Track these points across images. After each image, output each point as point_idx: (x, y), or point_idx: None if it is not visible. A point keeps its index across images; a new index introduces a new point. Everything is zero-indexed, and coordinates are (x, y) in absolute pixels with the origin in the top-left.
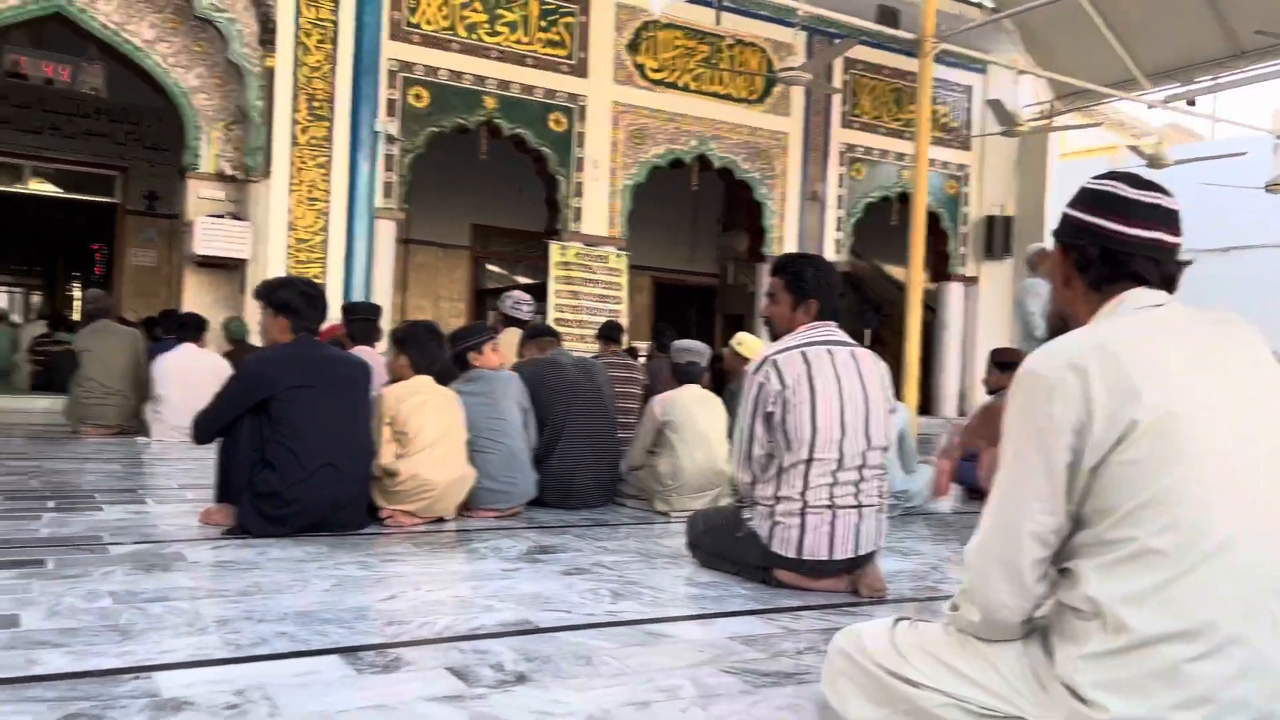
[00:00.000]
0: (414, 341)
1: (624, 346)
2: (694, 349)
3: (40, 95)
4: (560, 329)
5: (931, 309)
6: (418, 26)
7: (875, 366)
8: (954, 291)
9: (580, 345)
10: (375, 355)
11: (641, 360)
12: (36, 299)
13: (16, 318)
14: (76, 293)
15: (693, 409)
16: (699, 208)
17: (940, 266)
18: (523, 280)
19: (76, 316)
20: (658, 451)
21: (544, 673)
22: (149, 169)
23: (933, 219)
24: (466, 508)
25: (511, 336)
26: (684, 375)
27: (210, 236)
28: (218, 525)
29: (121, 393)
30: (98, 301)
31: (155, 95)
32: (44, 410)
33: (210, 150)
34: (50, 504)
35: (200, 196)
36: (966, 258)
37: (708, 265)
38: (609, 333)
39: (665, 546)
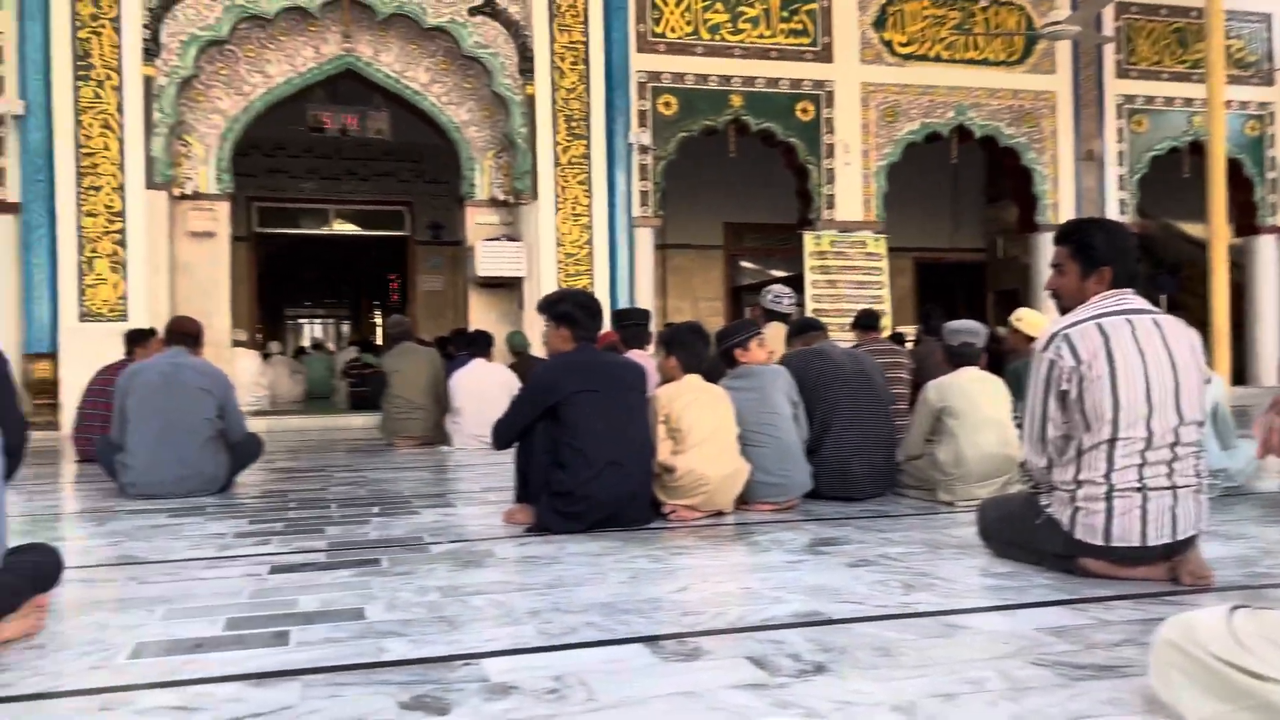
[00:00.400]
0: (680, 343)
1: (886, 333)
2: (969, 329)
3: (338, 145)
4: (820, 320)
5: (1239, 266)
6: (663, 36)
7: (1184, 334)
8: (1265, 245)
9: (842, 336)
10: (647, 358)
11: (908, 346)
12: (346, 328)
13: (331, 346)
14: (378, 319)
15: (972, 393)
16: (959, 181)
17: (1245, 219)
18: (778, 274)
19: (379, 340)
20: (936, 439)
21: (842, 663)
22: (432, 201)
23: (1233, 166)
24: (743, 501)
25: (775, 331)
26: (959, 358)
27: (489, 258)
28: (520, 524)
29: (425, 407)
30: (399, 325)
31: (433, 133)
32: (361, 426)
33: (484, 178)
34: (375, 509)
35: (478, 222)
36: (1277, 206)
37: (973, 241)
38: (866, 321)
39: (953, 537)
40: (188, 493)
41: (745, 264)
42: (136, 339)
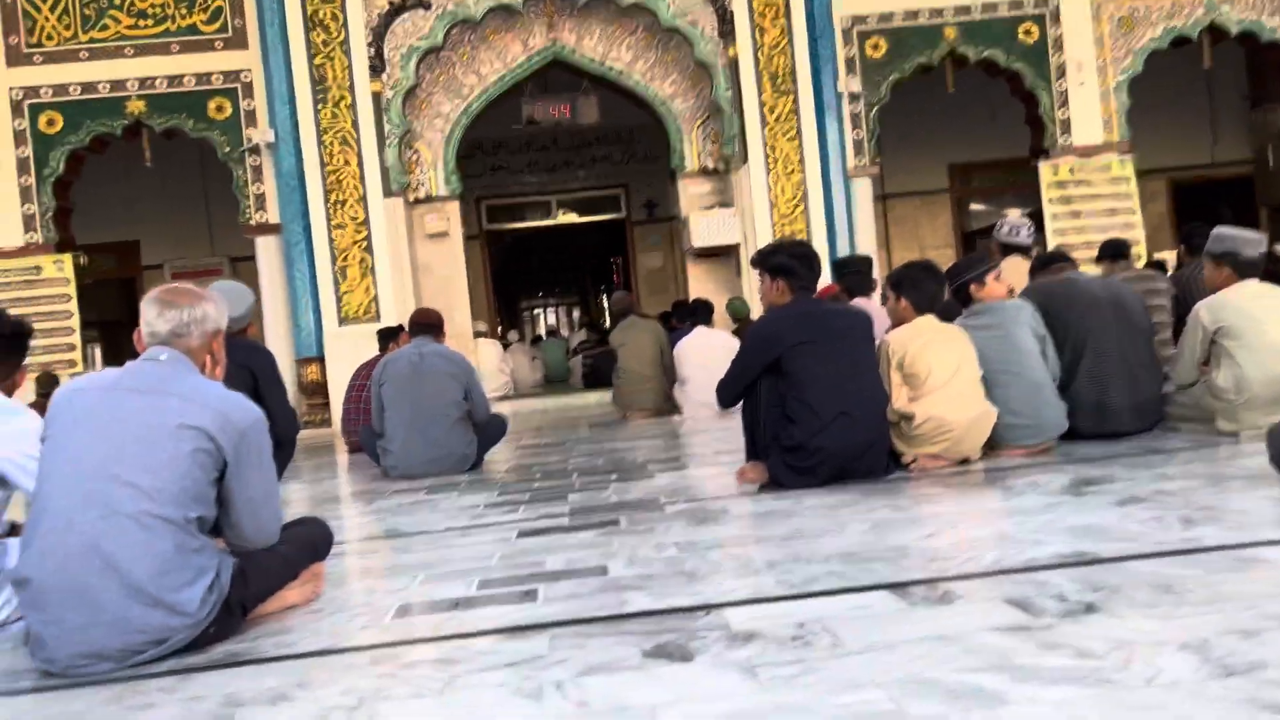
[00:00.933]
0: (910, 283)
1: (1141, 262)
2: (1243, 237)
3: (553, 135)
4: (1067, 252)
5: None
6: None
7: None
8: None
9: (1092, 269)
10: (873, 305)
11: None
12: (576, 313)
13: (565, 331)
14: (604, 301)
15: (1253, 310)
16: (1215, 88)
17: None
18: (1013, 213)
19: (607, 323)
20: (1212, 364)
21: (1116, 602)
22: (646, 180)
23: None
24: (991, 447)
25: (1014, 265)
26: (1244, 268)
27: (704, 229)
28: (752, 482)
29: (653, 378)
30: (622, 301)
31: (641, 111)
32: (596, 403)
33: (693, 149)
34: (613, 476)
35: (690, 193)
36: None
37: (1237, 153)
38: (1113, 250)
39: (1239, 468)
40: (441, 472)
41: (975, 206)
42: (388, 336)
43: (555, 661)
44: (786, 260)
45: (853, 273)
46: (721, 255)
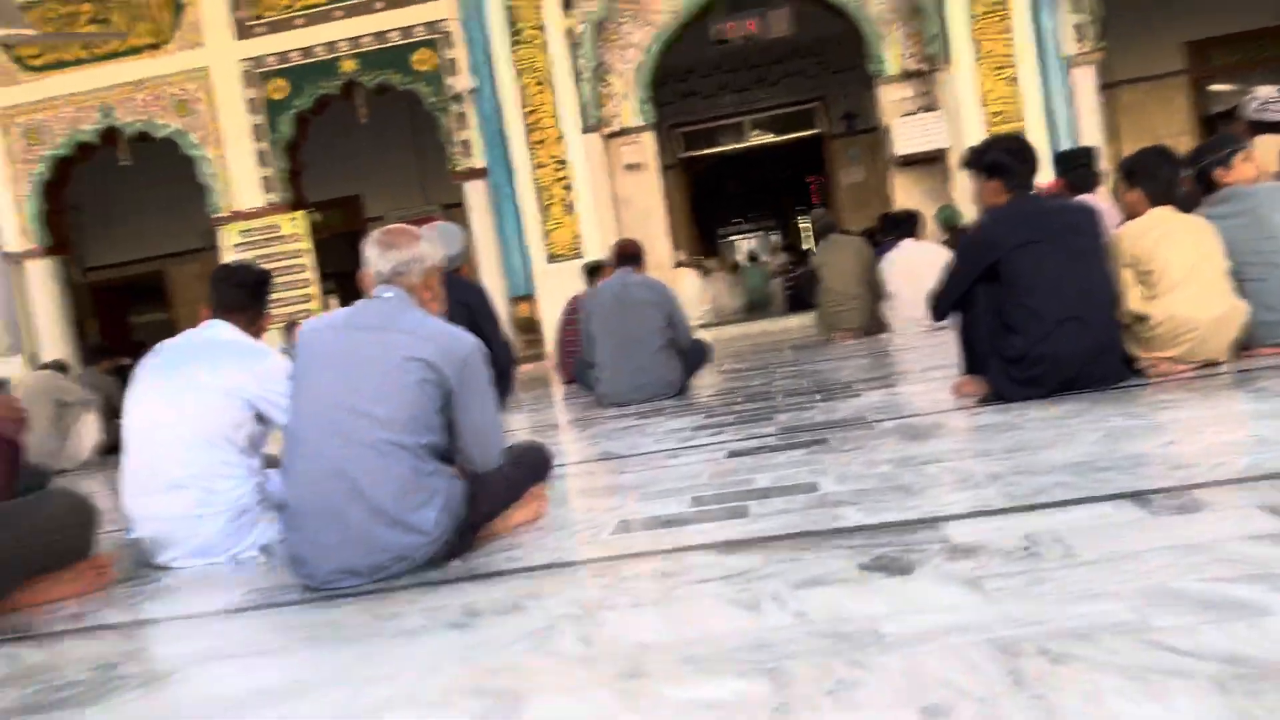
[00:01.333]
0: (1143, 170)
1: None
2: None
3: (743, 55)
4: None
5: None
6: None
7: None
8: None
9: None
10: (1100, 199)
11: None
12: (775, 237)
13: (764, 256)
14: (803, 223)
15: None
16: None
17: None
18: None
19: (805, 245)
20: None
21: None
22: (842, 91)
23: None
24: (1244, 348)
25: (1266, 144)
26: None
27: (907, 136)
28: (970, 395)
29: (859, 296)
30: (823, 218)
31: (834, 19)
32: (798, 326)
33: (892, 52)
34: (818, 396)
35: (891, 100)
36: None
37: None
38: None
39: None
40: (649, 398)
41: (1216, 87)
42: (593, 270)
43: (770, 574)
44: (1000, 156)
45: (1076, 166)
46: (927, 163)
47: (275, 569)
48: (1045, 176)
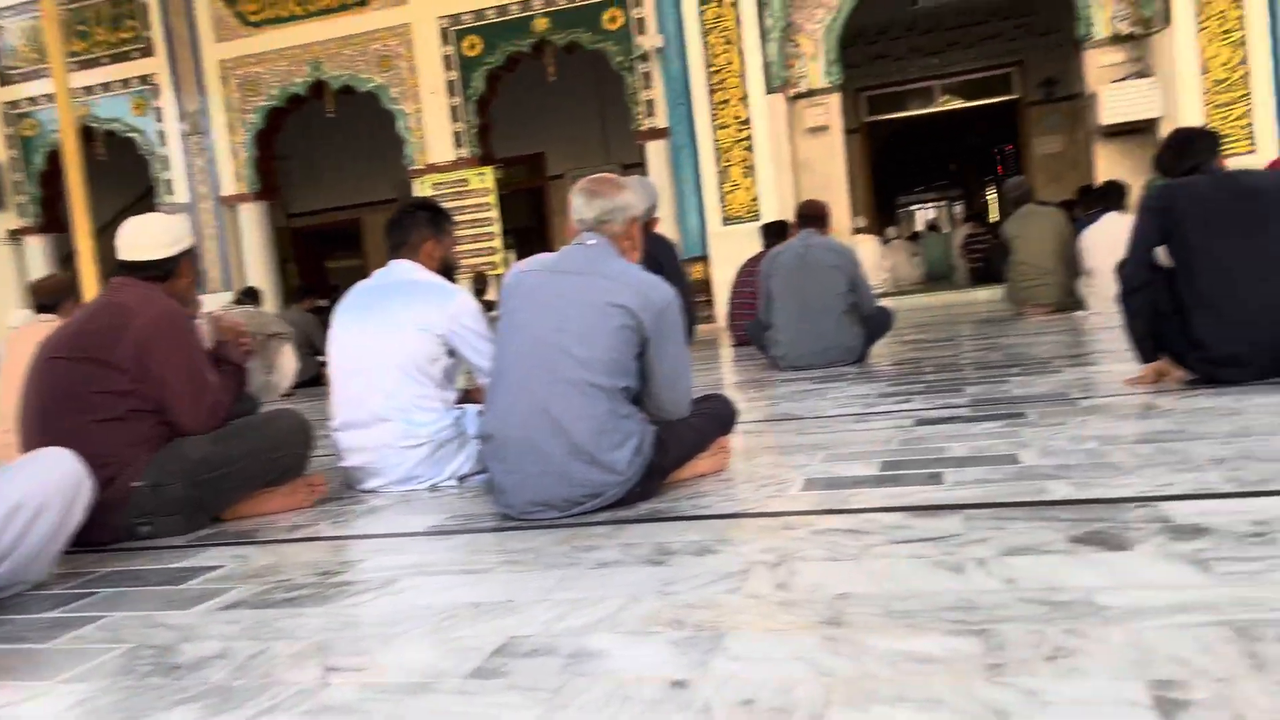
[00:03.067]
0: None
1: None
2: None
3: (938, 16)
4: None
5: None
6: None
7: None
8: None
9: None
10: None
11: None
12: (958, 207)
13: (945, 227)
14: (990, 194)
15: None
16: None
17: None
18: None
19: (992, 217)
20: None
21: None
22: (1043, 55)
23: None
24: None
25: None
26: None
27: (1116, 103)
28: (1158, 380)
29: (1054, 270)
30: (1019, 188)
31: None
32: (984, 299)
33: (1103, 14)
34: (1014, 370)
35: (1100, 65)
36: None
37: None
38: None
39: None
40: (829, 363)
41: None
42: (774, 231)
43: (974, 540)
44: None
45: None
46: (1135, 133)
47: (470, 498)
48: (1271, 152)
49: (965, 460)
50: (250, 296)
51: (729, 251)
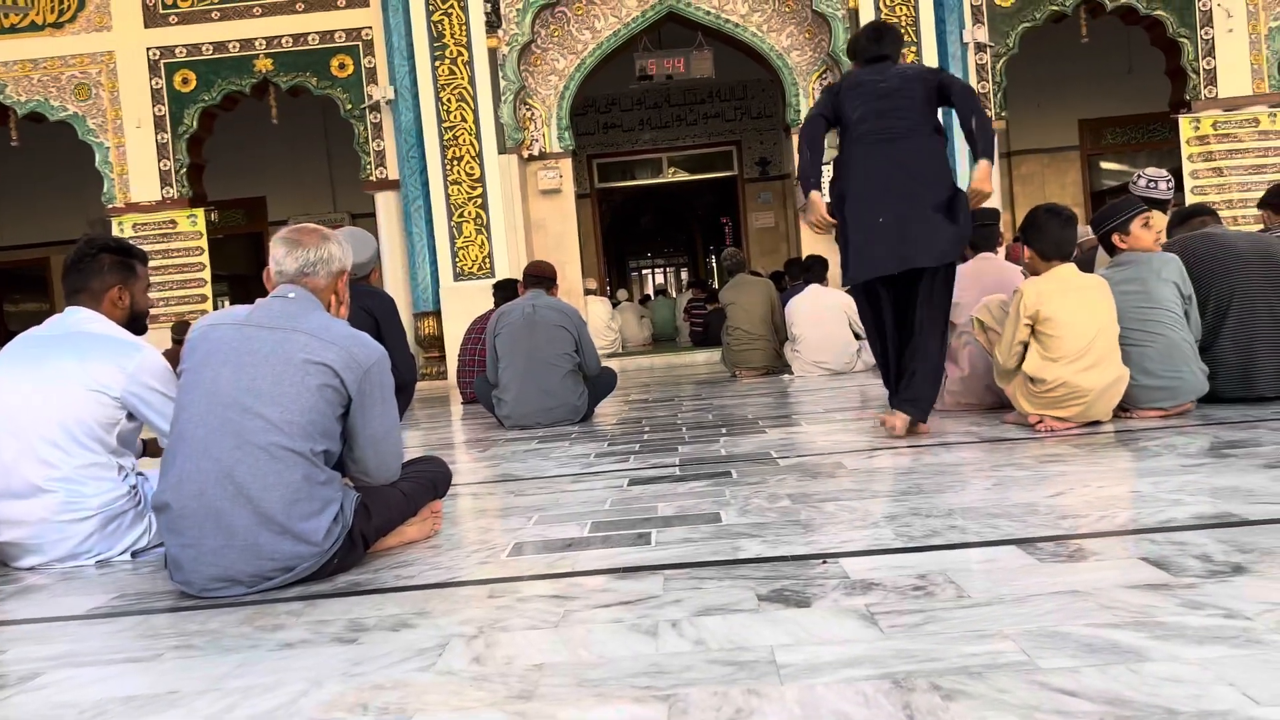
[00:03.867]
0: (1035, 228)
1: None
2: None
3: (665, 93)
4: (1208, 206)
5: None
6: None
7: None
8: None
9: (1234, 227)
10: (998, 261)
11: None
12: (685, 273)
13: (673, 292)
14: (714, 261)
15: None
16: None
17: None
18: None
19: (715, 284)
20: None
21: (1267, 564)
22: (758, 137)
23: None
24: (1124, 408)
25: (1158, 220)
26: None
27: None
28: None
29: (764, 336)
30: (733, 258)
31: (756, 66)
32: (704, 361)
33: (807, 104)
34: (723, 430)
35: None
36: None
37: None
38: (1277, 198)
39: None
40: (554, 422)
41: (1106, 164)
42: (504, 289)
43: (670, 601)
44: None
45: (979, 226)
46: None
47: (147, 574)
48: None
49: (671, 519)
50: None
51: (461, 307)
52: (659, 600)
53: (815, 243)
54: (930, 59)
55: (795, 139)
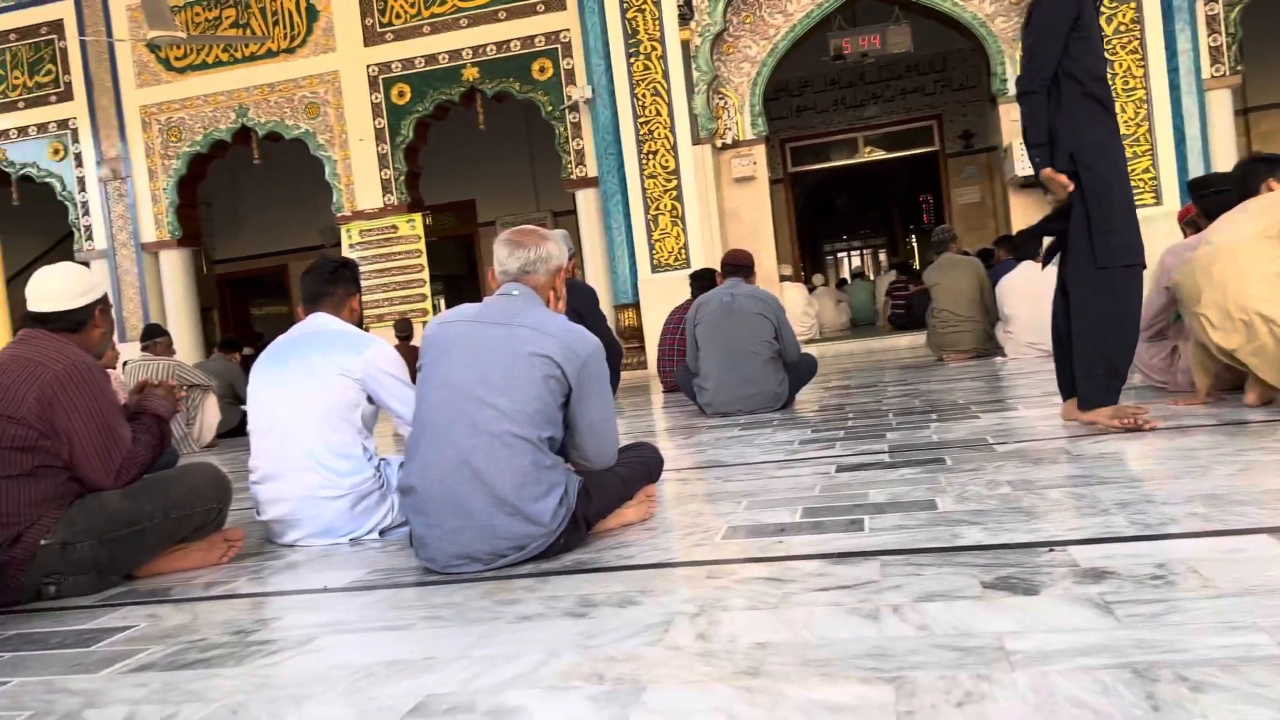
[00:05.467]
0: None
1: None
2: None
3: (860, 71)
4: None
5: None
6: None
7: None
8: None
9: None
10: None
11: None
12: (882, 256)
13: (870, 274)
14: (914, 241)
15: None
16: None
17: None
18: None
19: (916, 263)
20: None
21: None
22: (960, 110)
23: None
24: None
25: None
26: None
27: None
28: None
29: (973, 318)
30: (941, 235)
31: (957, 36)
32: (907, 346)
33: (1016, 71)
34: (933, 416)
35: (1013, 120)
36: None
37: None
38: None
39: None
40: (754, 409)
41: None
42: (701, 279)
43: (889, 587)
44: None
45: (1212, 193)
46: None
47: (393, 551)
48: (1178, 202)
49: (884, 506)
50: (154, 334)
51: (658, 298)
52: (878, 585)
53: (1027, 217)
54: (1152, 15)
55: (1002, 108)
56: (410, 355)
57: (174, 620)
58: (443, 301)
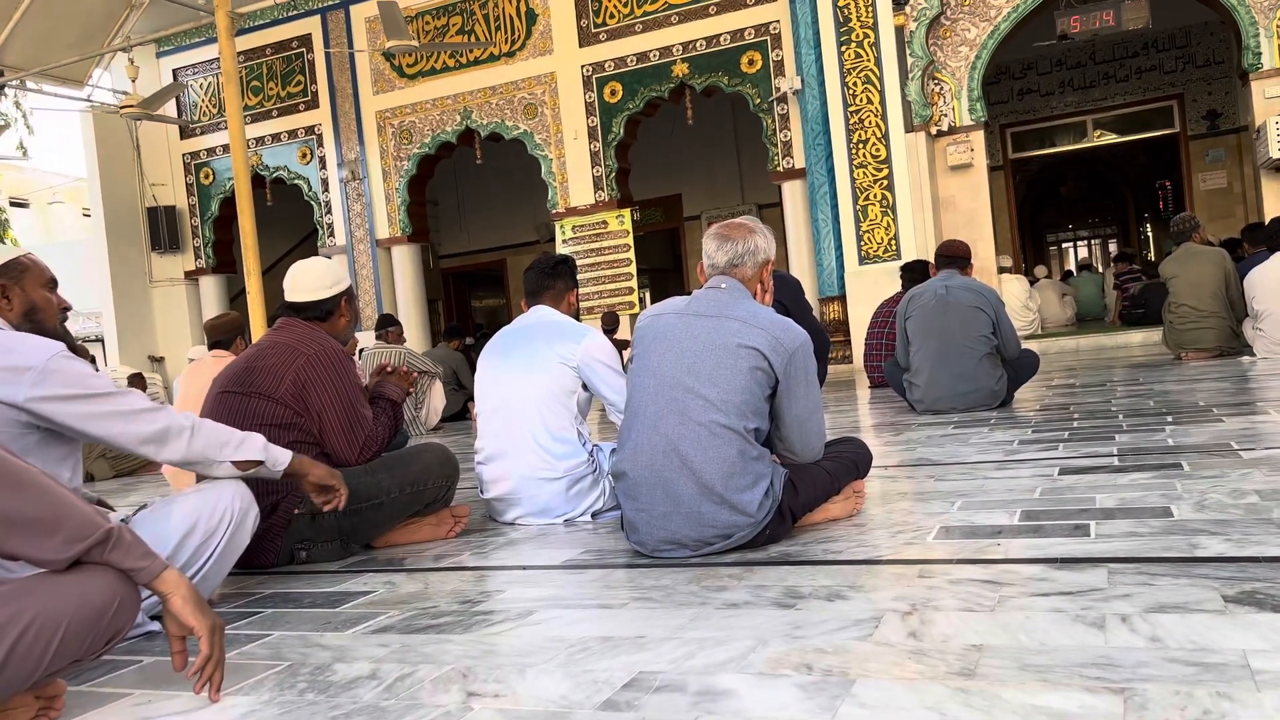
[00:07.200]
0: None
1: None
2: None
3: (1089, 50)
4: None
5: None
6: None
7: None
8: None
9: None
10: None
11: None
12: (1113, 246)
13: (1099, 266)
14: (1149, 230)
15: None
16: None
17: None
18: None
19: (1150, 255)
20: None
21: None
22: (1205, 88)
23: None
24: None
25: None
26: None
27: None
28: None
29: (1216, 314)
30: (1180, 224)
31: (1200, 8)
32: (1139, 343)
33: (1273, 44)
34: (1169, 419)
35: (1268, 97)
36: None
37: None
38: None
39: None
40: (969, 406)
41: None
42: (914, 270)
43: (1117, 595)
44: None
45: None
46: None
47: (604, 533)
48: None
49: (1113, 512)
50: (388, 324)
51: (866, 291)
52: (1104, 594)
53: None
54: None
55: (1255, 85)
56: (616, 348)
57: (408, 588)
58: (648, 295)
